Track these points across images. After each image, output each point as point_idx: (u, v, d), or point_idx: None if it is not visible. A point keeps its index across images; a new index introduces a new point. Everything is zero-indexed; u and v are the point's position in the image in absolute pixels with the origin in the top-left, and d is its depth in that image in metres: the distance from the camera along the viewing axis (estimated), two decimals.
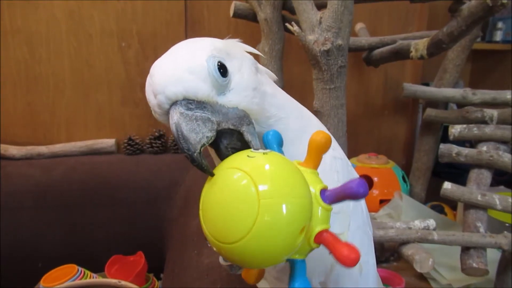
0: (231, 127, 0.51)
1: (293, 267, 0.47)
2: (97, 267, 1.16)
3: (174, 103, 0.49)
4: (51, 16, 1.69)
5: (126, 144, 1.77)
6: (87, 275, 1.05)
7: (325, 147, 0.49)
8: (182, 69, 0.49)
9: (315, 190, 0.47)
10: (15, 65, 1.70)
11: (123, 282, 0.81)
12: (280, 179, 0.45)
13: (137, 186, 1.61)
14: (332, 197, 0.47)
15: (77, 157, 1.75)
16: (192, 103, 0.49)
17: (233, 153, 0.51)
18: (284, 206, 0.43)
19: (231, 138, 0.52)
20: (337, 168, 0.60)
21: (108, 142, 1.78)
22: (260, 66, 0.60)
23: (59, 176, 1.62)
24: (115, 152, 1.80)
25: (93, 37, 1.73)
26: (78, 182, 1.61)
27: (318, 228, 0.46)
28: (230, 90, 0.51)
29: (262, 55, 0.58)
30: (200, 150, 0.49)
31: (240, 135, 0.53)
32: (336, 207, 0.56)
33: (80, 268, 1.05)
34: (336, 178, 0.59)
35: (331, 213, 0.49)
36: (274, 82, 0.63)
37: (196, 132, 0.48)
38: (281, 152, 0.52)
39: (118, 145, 1.82)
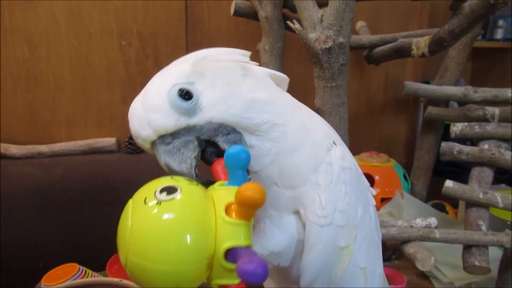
0: (206, 138, 0.54)
1: None
2: (98, 266, 1.16)
3: (154, 141, 0.53)
4: (51, 15, 1.68)
5: (126, 143, 1.76)
6: (89, 274, 1.05)
7: (255, 204, 0.43)
8: (147, 111, 0.52)
9: (222, 247, 0.45)
10: (15, 64, 1.70)
11: (125, 281, 0.81)
12: (152, 242, 0.45)
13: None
14: (235, 261, 0.44)
15: (77, 156, 1.75)
16: (167, 137, 0.53)
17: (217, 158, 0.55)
18: (148, 269, 0.44)
19: (214, 146, 0.55)
20: (345, 179, 0.59)
21: (108, 141, 1.78)
22: (256, 70, 0.59)
23: (59, 175, 1.61)
24: (115, 151, 1.79)
25: (93, 36, 1.72)
26: (79, 181, 1.60)
27: (223, 282, 0.46)
28: (201, 109, 0.53)
29: (251, 62, 0.60)
30: (195, 171, 0.52)
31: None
32: (342, 219, 0.57)
33: (81, 267, 1.04)
34: (344, 190, 0.58)
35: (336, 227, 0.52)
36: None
37: (184, 161, 0.52)
38: (244, 174, 0.49)
39: (118, 144, 1.81)
